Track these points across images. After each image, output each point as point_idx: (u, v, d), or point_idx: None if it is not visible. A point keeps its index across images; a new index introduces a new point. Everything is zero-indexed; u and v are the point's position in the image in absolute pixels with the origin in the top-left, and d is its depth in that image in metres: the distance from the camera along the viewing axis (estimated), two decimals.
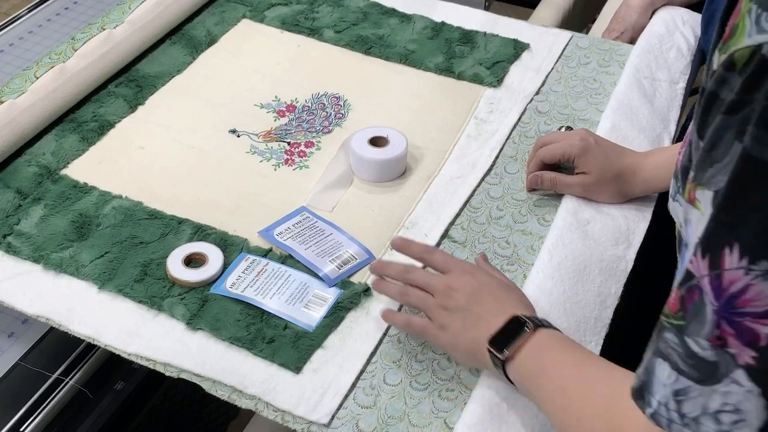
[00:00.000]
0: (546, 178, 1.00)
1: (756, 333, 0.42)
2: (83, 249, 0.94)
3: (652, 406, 0.49)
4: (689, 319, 0.45)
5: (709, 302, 0.44)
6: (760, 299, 0.42)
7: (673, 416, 0.47)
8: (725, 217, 0.44)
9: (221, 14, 1.33)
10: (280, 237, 0.95)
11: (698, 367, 0.45)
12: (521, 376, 0.72)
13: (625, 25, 1.32)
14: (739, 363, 0.43)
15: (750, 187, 0.43)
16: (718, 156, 0.45)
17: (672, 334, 0.47)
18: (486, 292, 0.78)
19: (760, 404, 0.43)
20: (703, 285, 0.44)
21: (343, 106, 1.17)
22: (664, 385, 0.47)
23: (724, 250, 0.43)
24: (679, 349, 0.46)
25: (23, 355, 0.93)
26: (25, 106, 1.06)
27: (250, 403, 0.80)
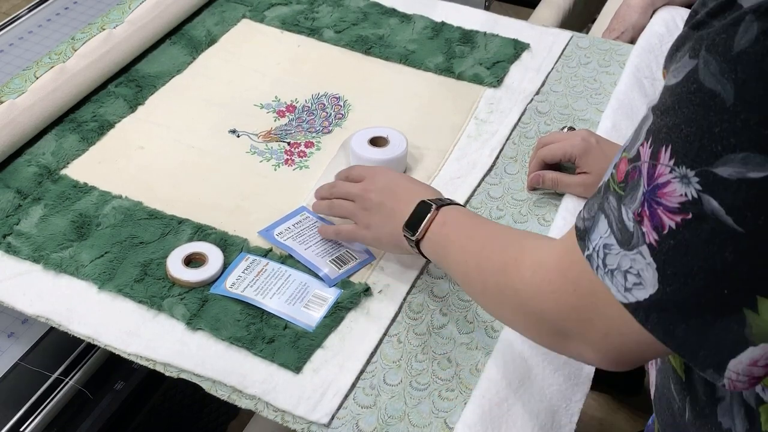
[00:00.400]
0: (547, 177, 1.00)
1: (662, 222, 0.49)
2: (83, 249, 0.94)
3: (589, 249, 0.56)
4: (627, 192, 0.52)
5: (642, 184, 0.50)
6: (672, 196, 0.48)
7: (600, 263, 0.55)
8: (668, 120, 0.49)
9: (221, 14, 1.33)
10: (280, 237, 0.95)
11: (623, 232, 0.52)
12: (432, 252, 0.82)
13: (625, 24, 1.32)
14: (645, 241, 0.50)
15: (688, 101, 0.48)
16: (677, 57, 0.51)
17: (614, 199, 0.53)
18: (395, 185, 0.88)
19: (655, 276, 0.50)
20: (643, 169, 0.51)
21: (343, 106, 1.17)
22: (600, 237, 0.55)
23: (662, 147, 0.49)
24: (615, 213, 0.53)
25: (23, 355, 0.93)
26: (25, 106, 1.06)
27: (250, 403, 0.80)
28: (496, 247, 0.72)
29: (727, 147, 0.46)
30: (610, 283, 0.54)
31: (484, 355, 0.84)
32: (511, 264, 0.67)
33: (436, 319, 0.88)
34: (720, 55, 0.46)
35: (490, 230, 0.78)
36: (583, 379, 0.82)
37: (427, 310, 0.88)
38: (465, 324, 0.87)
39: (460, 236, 0.78)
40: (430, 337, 0.86)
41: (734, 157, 0.45)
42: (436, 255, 0.81)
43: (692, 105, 0.47)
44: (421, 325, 0.87)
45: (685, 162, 0.48)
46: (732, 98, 0.45)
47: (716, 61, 0.46)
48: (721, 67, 0.46)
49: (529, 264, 0.65)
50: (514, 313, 0.68)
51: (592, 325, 0.58)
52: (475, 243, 0.76)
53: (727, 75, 0.45)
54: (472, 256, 0.75)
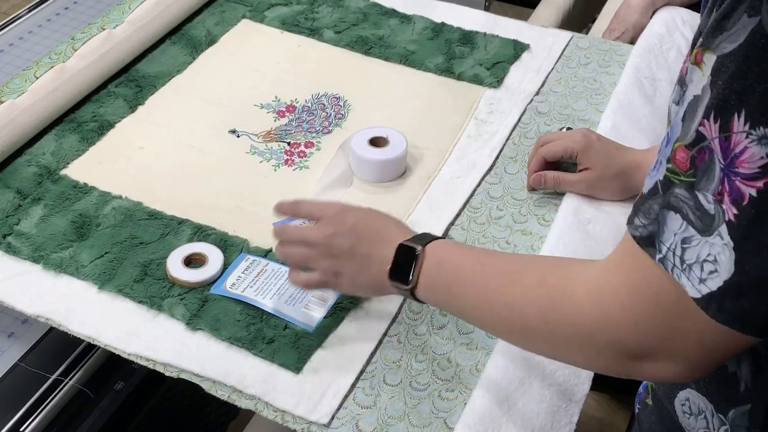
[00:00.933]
0: (549, 177, 1.00)
1: (742, 193, 0.47)
2: (83, 249, 0.94)
3: (662, 252, 0.52)
4: (700, 176, 0.49)
5: (718, 161, 0.48)
6: (751, 161, 0.46)
7: (677, 262, 0.51)
8: (736, 85, 0.47)
9: (221, 14, 1.33)
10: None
11: (703, 218, 0.49)
12: (433, 297, 0.74)
13: (625, 25, 1.32)
14: (724, 218, 0.48)
15: (757, 58, 0.46)
16: (728, 25, 0.49)
17: (682, 190, 0.51)
18: (362, 226, 0.78)
19: (732, 258, 0.48)
20: (714, 146, 0.48)
21: (343, 106, 1.17)
22: (675, 234, 0.51)
23: (733, 115, 0.47)
24: (689, 203, 0.50)
25: (23, 355, 0.93)
26: (25, 106, 1.06)
27: (249, 404, 0.80)
28: (529, 281, 0.65)
29: None
30: (686, 280, 0.51)
31: (484, 355, 0.84)
32: (560, 296, 0.62)
33: (436, 319, 0.88)
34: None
35: (504, 262, 0.71)
36: (583, 380, 0.82)
37: (427, 310, 0.88)
38: (465, 324, 0.87)
39: (469, 277, 0.71)
40: (430, 337, 0.86)
41: None
42: (440, 299, 0.74)
43: (763, 60, 0.46)
44: (421, 325, 0.87)
45: (762, 121, 0.46)
46: None
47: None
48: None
49: (585, 292, 0.60)
50: (577, 348, 0.62)
51: (682, 339, 0.54)
52: (494, 284, 0.68)
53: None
54: (497, 299, 0.67)
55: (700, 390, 0.66)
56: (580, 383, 0.82)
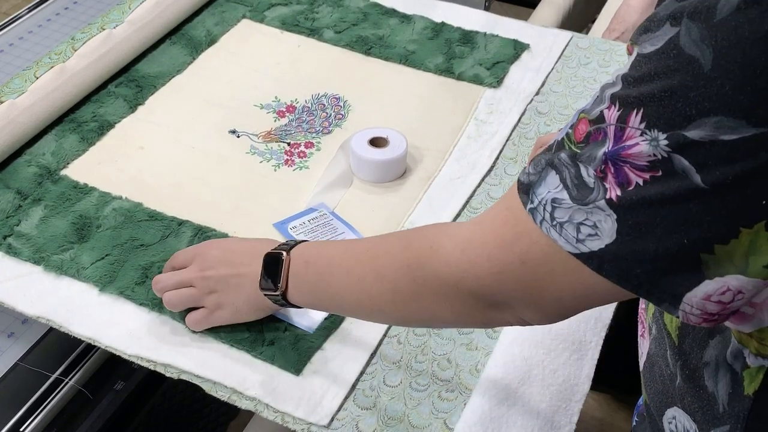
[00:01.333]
0: None
1: (629, 178, 0.51)
2: (84, 251, 0.94)
3: (534, 203, 0.56)
4: (586, 151, 0.53)
5: (606, 145, 0.52)
6: (641, 157, 0.50)
7: (546, 216, 0.55)
8: (643, 87, 0.50)
9: (221, 14, 1.33)
10: (294, 231, 0.96)
11: (579, 187, 0.53)
12: (306, 295, 0.76)
13: (625, 25, 1.32)
14: (606, 195, 0.52)
15: (666, 67, 0.49)
16: (652, 27, 0.51)
17: (567, 156, 0.55)
18: (229, 253, 0.82)
19: (614, 227, 0.52)
20: (609, 131, 0.52)
21: (343, 106, 1.17)
22: (549, 191, 0.55)
23: (632, 111, 0.51)
24: (571, 169, 0.54)
25: (23, 355, 0.93)
26: (25, 106, 1.06)
27: (250, 405, 0.80)
28: (395, 249, 0.68)
29: (702, 111, 0.47)
30: (557, 235, 0.55)
31: (484, 355, 0.84)
32: (427, 251, 0.64)
33: None
34: (702, 22, 0.47)
35: (370, 240, 0.73)
36: (583, 379, 0.82)
37: None
38: None
39: (337, 262, 0.73)
40: (430, 338, 0.86)
41: (707, 120, 0.47)
42: (312, 295, 0.76)
43: (670, 71, 0.49)
44: None
45: (658, 125, 0.49)
46: (710, 64, 0.47)
47: (698, 28, 0.47)
48: (702, 34, 0.47)
49: (453, 245, 0.62)
50: (439, 300, 0.65)
51: (541, 292, 0.58)
52: (363, 259, 0.70)
53: (707, 41, 0.47)
54: (367, 272, 0.69)
55: (686, 409, 0.67)
56: (580, 383, 0.82)
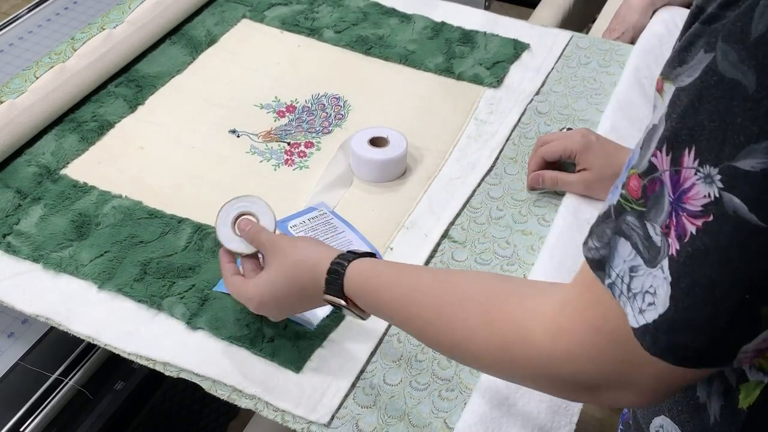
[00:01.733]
0: (547, 176, 1.00)
1: (685, 229, 0.47)
2: (83, 248, 0.94)
3: (611, 277, 0.52)
4: (650, 207, 0.50)
5: (667, 194, 0.48)
6: (696, 199, 0.46)
7: (624, 289, 0.51)
8: (688, 120, 0.47)
9: (221, 14, 1.33)
10: (294, 229, 0.96)
11: (650, 249, 0.49)
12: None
13: (625, 25, 1.32)
14: (668, 252, 0.48)
15: (709, 95, 0.46)
16: (687, 58, 0.49)
17: (633, 218, 0.51)
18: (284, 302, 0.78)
19: (668, 293, 0.48)
20: (665, 178, 0.48)
21: (343, 106, 1.17)
22: (624, 261, 0.51)
23: (684, 150, 0.47)
24: (639, 231, 0.50)
25: (23, 355, 0.93)
26: (25, 106, 1.06)
27: (249, 403, 0.80)
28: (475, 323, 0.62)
29: (750, 137, 0.44)
30: (629, 308, 0.51)
31: None
32: (515, 338, 0.59)
33: None
34: (738, 43, 0.45)
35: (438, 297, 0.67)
36: None
37: None
38: None
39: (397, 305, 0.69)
40: None
41: (757, 147, 0.44)
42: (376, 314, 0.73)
43: (714, 98, 0.46)
44: None
45: (709, 160, 0.46)
46: (754, 85, 0.44)
47: (735, 50, 0.45)
48: (740, 55, 0.45)
49: (543, 333, 0.58)
50: (534, 383, 0.61)
51: (637, 371, 0.53)
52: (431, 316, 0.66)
53: (747, 62, 0.45)
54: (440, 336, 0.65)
55: (674, 418, 0.66)
56: None
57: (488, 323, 0.62)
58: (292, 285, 0.77)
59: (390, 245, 0.96)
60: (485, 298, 0.64)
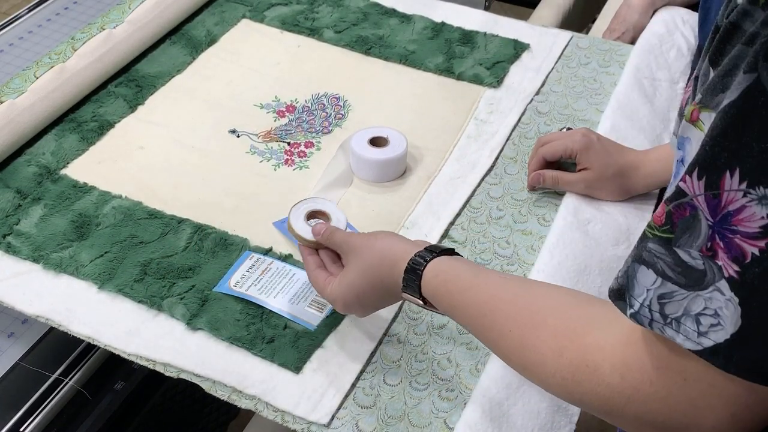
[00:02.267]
0: (547, 176, 1.00)
1: (743, 251, 0.46)
2: (83, 249, 0.94)
3: (633, 307, 0.52)
4: (679, 233, 0.49)
5: (704, 218, 0.48)
6: (752, 221, 0.46)
7: (655, 317, 0.51)
8: (729, 142, 0.46)
9: (221, 14, 1.33)
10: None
11: (686, 274, 0.49)
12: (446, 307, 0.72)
13: (626, 25, 1.32)
14: (724, 275, 0.47)
15: (756, 116, 0.45)
16: (729, 83, 0.47)
17: (657, 245, 0.50)
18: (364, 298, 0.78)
19: (737, 312, 0.47)
20: (698, 203, 0.48)
21: (343, 106, 1.17)
22: (647, 289, 0.51)
23: (725, 173, 0.46)
24: (666, 258, 0.50)
25: (23, 355, 0.93)
26: (25, 106, 1.06)
27: (249, 404, 0.80)
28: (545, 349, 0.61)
29: None
30: (672, 332, 0.50)
31: (484, 355, 0.84)
32: (583, 370, 0.58)
33: (436, 319, 0.88)
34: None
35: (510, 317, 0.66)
36: None
37: (427, 311, 0.88)
38: None
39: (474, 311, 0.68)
40: (430, 337, 0.86)
41: None
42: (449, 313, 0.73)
43: (761, 119, 0.45)
44: (421, 325, 0.87)
45: (762, 181, 0.45)
46: None
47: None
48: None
49: (611, 367, 0.57)
50: (602, 415, 0.59)
51: (711, 409, 0.52)
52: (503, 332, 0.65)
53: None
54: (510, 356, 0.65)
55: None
56: None
57: (558, 352, 0.60)
58: (374, 285, 0.77)
59: None
60: (558, 324, 0.62)
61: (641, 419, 0.56)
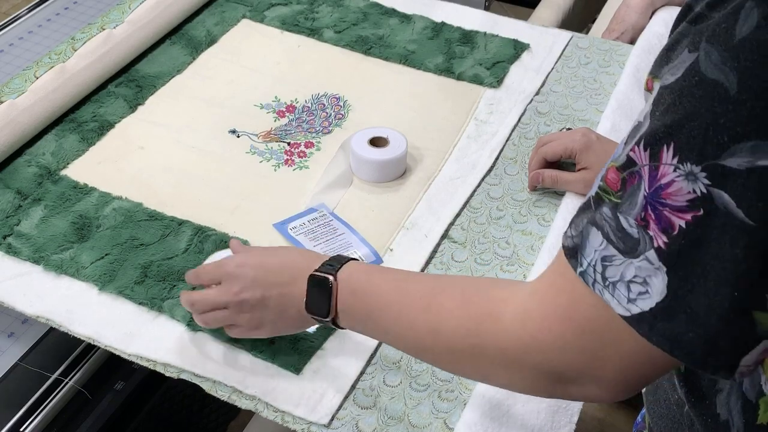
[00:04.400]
0: (546, 175, 1.00)
1: (671, 222, 0.48)
2: (83, 250, 0.94)
3: (582, 266, 0.53)
4: (625, 199, 0.50)
5: (643, 188, 0.49)
6: (679, 195, 0.47)
7: (597, 278, 0.52)
8: (667, 118, 0.48)
9: (221, 14, 1.33)
10: (293, 231, 0.96)
11: (624, 240, 0.50)
12: (353, 325, 0.72)
13: (625, 25, 1.32)
14: (653, 245, 0.49)
15: (690, 95, 0.47)
16: (672, 57, 0.49)
17: (608, 209, 0.52)
18: (264, 272, 0.76)
19: (664, 281, 0.49)
20: (643, 173, 0.49)
21: (343, 106, 1.17)
22: (595, 251, 0.52)
23: (663, 146, 0.48)
24: (611, 223, 0.51)
25: (23, 355, 0.93)
26: (25, 106, 1.06)
27: (249, 404, 0.80)
28: (451, 305, 0.64)
29: (735, 137, 0.45)
30: (610, 296, 0.52)
31: None
32: (486, 319, 0.61)
33: None
34: (722, 44, 0.45)
35: (423, 285, 0.69)
36: None
37: None
38: None
39: (386, 301, 0.69)
40: None
41: (742, 146, 0.45)
42: (361, 328, 0.73)
43: (694, 98, 0.47)
44: None
45: (690, 158, 0.47)
46: (736, 87, 0.45)
47: (718, 51, 0.46)
48: (722, 57, 0.45)
49: (512, 316, 0.59)
50: (503, 371, 0.61)
51: (605, 363, 0.54)
52: (415, 306, 0.67)
53: (729, 64, 0.45)
54: (420, 322, 0.66)
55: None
56: None
57: (463, 305, 0.63)
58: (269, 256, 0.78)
59: (390, 246, 0.96)
60: (465, 284, 0.67)
61: (537, 368, 0.58)
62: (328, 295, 0.71)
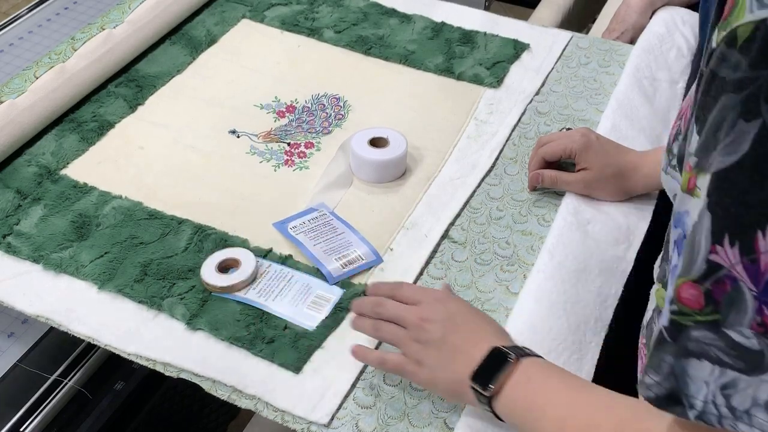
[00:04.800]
0: (546, 175, 1.00)
1: None
2: (83, 249, 0.94)
3: (696, 407, 0.47)
4: (725, 311, 0.44)
5: (747, 289, 0.43)
6: None
7: (723, 412, 0.45)
8: (752, 198, 0.42)
9: (221, 14, 1.33)
10: (293, 231, 0.96)
11: (744, 357, 0.44)
12: (510, 411, 0.69)
13: (625, 25, 1.32)
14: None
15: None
16: (721, 137, 0.44)
17: (703, 331, 0.45)
18: (460, 319, 0.74)
19: None
20: (737, 273, 0.43)
21: (343, 106, 1.17)
22: (707, 383, 0.46)
23: (757, 234, 0.42)
24: (718, 343, 0.44)
25: (23, 355, 0.93)
26: (25, 106, 1.06)
27: (249, 403, 0.80)
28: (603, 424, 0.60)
29: None
30: (747, 427, 0.44)
31: None
32: None
33: None
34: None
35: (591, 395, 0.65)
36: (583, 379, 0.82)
37: None
38: None
39: (555, 403, 0.66)
40: None
41: None
42: (514, 416, 0.68)
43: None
44: None
45: None
46: None
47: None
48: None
49: None
50: None
51: None
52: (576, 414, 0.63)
53: None
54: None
55: None
56: None
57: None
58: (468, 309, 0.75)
59: (390, 246, 0.96)
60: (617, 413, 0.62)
61: None
62: (502, 369, 0.68)
